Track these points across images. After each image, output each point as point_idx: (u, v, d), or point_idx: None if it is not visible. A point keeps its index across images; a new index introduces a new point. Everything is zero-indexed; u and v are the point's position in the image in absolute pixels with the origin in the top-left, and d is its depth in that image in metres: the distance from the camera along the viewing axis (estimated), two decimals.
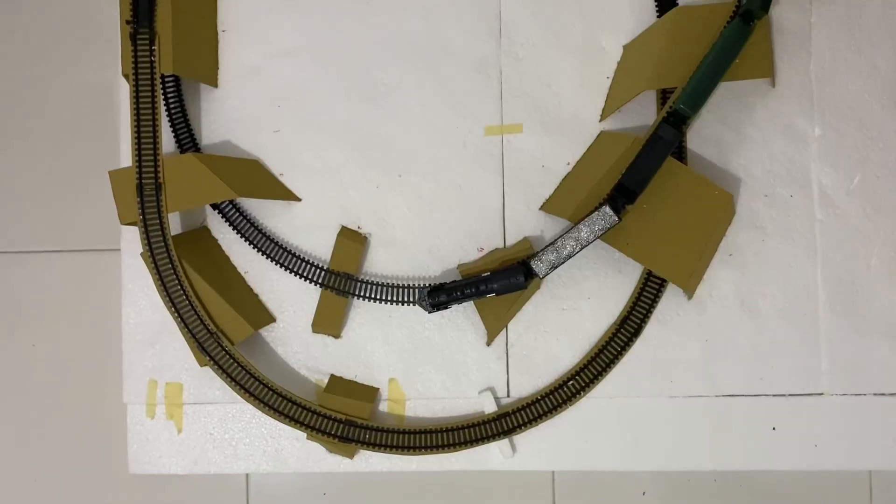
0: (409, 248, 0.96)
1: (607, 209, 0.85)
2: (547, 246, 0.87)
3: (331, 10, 0.97)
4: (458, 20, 0.96)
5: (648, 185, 0.86)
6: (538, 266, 0.86)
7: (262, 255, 0.95)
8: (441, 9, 0.97)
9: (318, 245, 0.96)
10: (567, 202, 0.91)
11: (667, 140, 0.85)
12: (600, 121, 0.94)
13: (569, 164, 0.95)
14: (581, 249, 0.86)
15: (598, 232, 0.85)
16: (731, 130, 0.94)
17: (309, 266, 0.94)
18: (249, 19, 0.98)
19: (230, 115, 0.97)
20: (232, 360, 0.90)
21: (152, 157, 0.89)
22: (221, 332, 0.90)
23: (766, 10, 0.85)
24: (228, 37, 0.98)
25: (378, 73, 0.97)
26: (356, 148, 0.97)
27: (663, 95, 0.92)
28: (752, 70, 0.88)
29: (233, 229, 0.95)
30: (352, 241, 0.94)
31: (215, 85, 0.97)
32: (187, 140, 0.95)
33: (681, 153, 0.91)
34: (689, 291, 0.90)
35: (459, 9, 0.96)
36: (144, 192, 0.89)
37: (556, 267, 0.86)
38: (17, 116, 1.02)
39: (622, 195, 0.85)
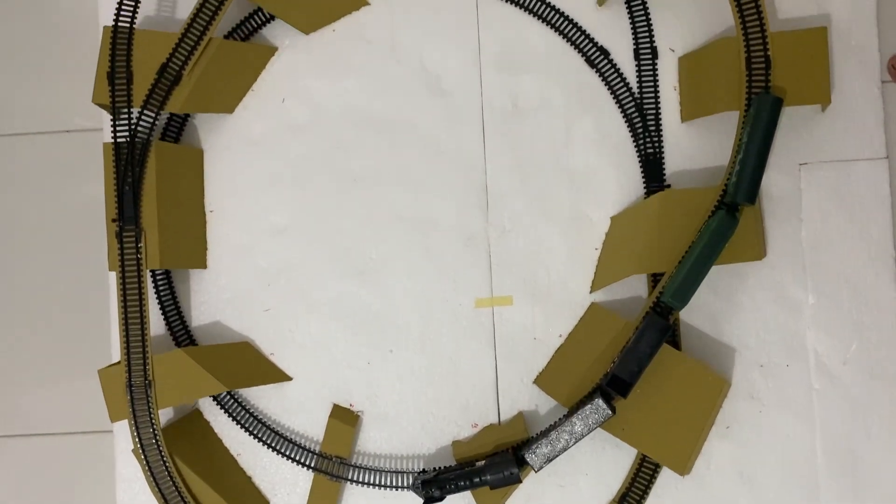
0: (402, 424, 0.95)
1: (601, 402, 0.84)
2: (541, 438, 0.86)
3: (318, 187, 0.97)
4: (445, 194, 0.96)
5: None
6: (532, 459, 0.85)
7: (254, 438, 0.94)
8: (428, 183, 0.96)
9: (311, 424, 0.95)
10: (560, 383, 0.91)
11: (657, 330, 0.84)
12: (590, 293, 0.94)
13: (560, 336, 0.94)
14: (576, 443, 0.85)
15: (593, 425, 0.84)
16: (724, 300, 0.93)
17: (300, 450, 0.93)
18: (237, 199, 0.97)
19: (220, 296, 0.97)
20: None
21: (141, 355, 0.88)
22: None
23: (751, 202, 0.84)
24: (216, 217, 0.98)
25: (367, 247, 0.97)
26: (347, 324, 0.96)
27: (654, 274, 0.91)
28: (743, 254, 0.87)
29: (224, 413, 0.95)
30: (343, 422, 0.93)
31: (204, 267, 0.96)
32: (178, 327, 0.95)
33: (674, 333, 0.90)
34: (685, 474, 0.89)
35: (446, 182, 0.96)
36: (134, 391, 0.88)
37: (551, 460, 0.85)
38: (9, 297, 1.02)
39: (615, 388, 0.84)
